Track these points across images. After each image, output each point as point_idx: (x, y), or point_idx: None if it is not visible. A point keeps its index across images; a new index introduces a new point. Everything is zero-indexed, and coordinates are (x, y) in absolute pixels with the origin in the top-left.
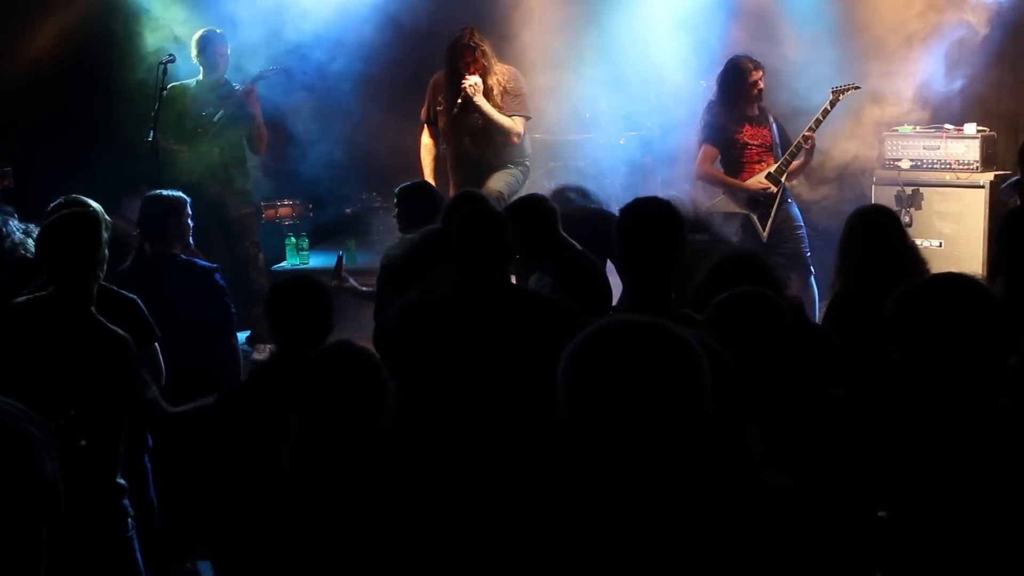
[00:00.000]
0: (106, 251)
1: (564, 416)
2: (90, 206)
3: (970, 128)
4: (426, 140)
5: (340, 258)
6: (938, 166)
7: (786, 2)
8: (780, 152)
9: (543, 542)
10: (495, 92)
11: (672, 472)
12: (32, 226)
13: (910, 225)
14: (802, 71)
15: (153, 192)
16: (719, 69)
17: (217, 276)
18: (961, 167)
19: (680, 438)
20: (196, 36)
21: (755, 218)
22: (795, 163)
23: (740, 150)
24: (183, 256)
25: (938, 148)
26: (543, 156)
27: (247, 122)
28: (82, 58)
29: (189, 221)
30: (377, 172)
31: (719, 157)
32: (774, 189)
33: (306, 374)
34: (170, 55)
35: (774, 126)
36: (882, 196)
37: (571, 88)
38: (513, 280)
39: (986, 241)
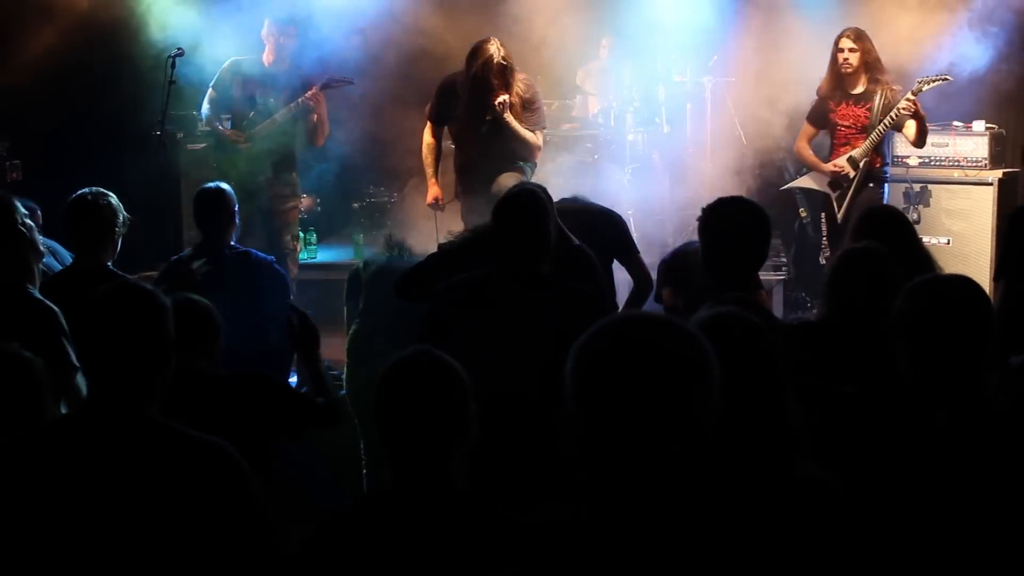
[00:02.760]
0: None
1: (573, 411)
2: (112, 198)
3: (979, 125)
4: (428, 139)
5: None
6: (947, 163)
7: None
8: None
9: (551, 539)
10: (517, 105)
11: (681, 469)
12: None
13: (918, 222)
14: (813, 65)
15: (206, 186)
16: (727, 64)
17: (277, 266)
18: (970, 164)
19: (690, 435)
20: (268, 18)
21: (834, 198)
22: (910, 132)
23: (832, 130)
24: (240, 247)
25: (947, 145)
26: (552, 151)
27: (307, 117)
28: (91, 53)
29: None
30: (386, 167)
31: (815, 134)
32: (850, 173)
33: (385, 384)
34: (179, 49)
35: (878, 105)
36: (890, 193)
37: (580, 84)
38: None
39: (994, 238)
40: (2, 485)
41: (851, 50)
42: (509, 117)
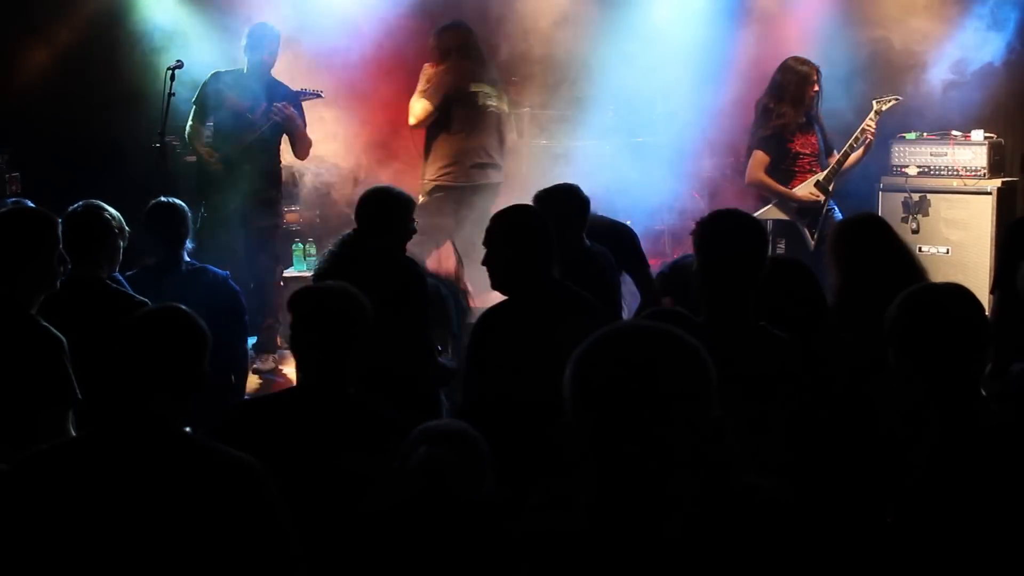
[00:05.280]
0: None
1: (571, 420)
2: (106, 211)
3: (977, 134)
4: None
5: None
6: (945, 172)
7: (794, 7)
8: (825, 159)
9: (549, 547)
10: None
11: (680, 478)
12: None
13: (917, 232)
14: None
15: (162, 200)
16: (725, 75)
17: (231, 282)
18: (968, 173)
19: (687, 443)
20: (249, 28)
21: (804, 227)
22: (849, 160)
23: (792, 160)
24: (196, 263)
25: (945, 154)
26: (551, 162)
27: (281, 131)
28: (90, 65)
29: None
30: (384, 178)
31: (769, 164)
32: (822, 198)
33: (420, 442)
34: (178, 61)
35: (819, 132)
36: (889, 203)
37: (579, 94)
38: None
39: (993, 248)
40: (28, 501)
41: (814, 71)
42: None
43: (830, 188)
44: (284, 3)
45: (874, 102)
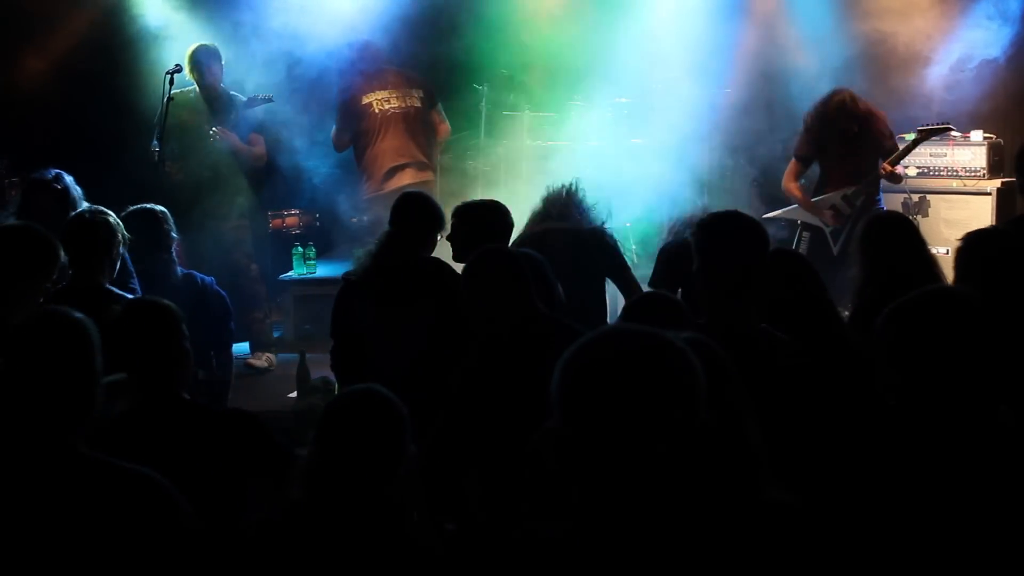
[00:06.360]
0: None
1: (559, 426)
2: (110, 217)
3: (976, 135)
4: None
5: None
6: (945, 173)
7: (796, 9)
8: (874, 170)
9: (538, 553)
10: None
11: (667, 480)
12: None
13: None
14: (811, 77)
15: (143, 206)
16: (727, 75)
17: (216, 287)
18: (968, 174)
19: (675, 446)
20: (189, 51)
21: (828, 233)
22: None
23: (829, 169)
24: (183, 268)
25: (945, 155)
26: (548, 162)
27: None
28: (91, 70)
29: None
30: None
31: (805, 171)
32: (847, 211)
33: (329, 413)
34: (176, 65)
35: (870, 142)
36: (889, 203)
37: (576, 94)
38: None
39: None
40: None
41: (854, 118)
42: None
43: (856, 203)
44: (284, 8)
45: (918, 129)
